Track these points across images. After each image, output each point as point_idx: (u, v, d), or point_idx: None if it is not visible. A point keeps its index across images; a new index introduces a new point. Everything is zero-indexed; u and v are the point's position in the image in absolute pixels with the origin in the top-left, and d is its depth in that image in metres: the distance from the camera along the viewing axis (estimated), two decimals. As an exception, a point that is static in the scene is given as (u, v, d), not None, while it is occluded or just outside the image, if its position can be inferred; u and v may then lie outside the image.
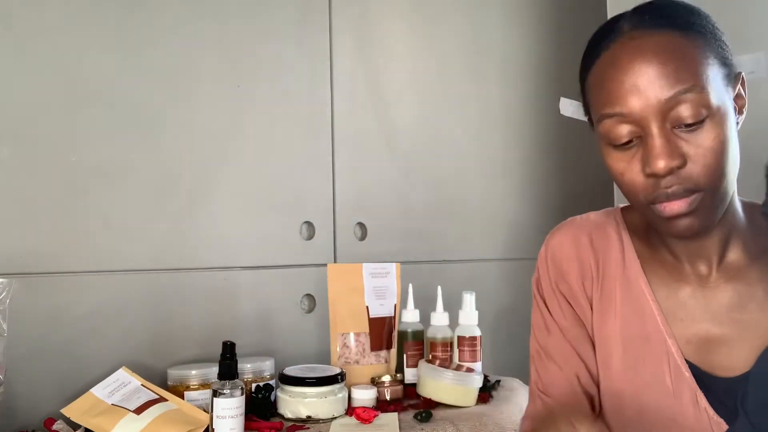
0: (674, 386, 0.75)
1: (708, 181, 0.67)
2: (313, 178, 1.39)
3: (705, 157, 0.67)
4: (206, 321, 1.26)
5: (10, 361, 0.99)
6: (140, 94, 1.23)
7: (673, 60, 0.67)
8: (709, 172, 0.67)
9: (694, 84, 0.66)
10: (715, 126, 0.67)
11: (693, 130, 0.67)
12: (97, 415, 0.96)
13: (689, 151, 0.67)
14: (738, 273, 0.74)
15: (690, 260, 0.76)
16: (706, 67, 0.67)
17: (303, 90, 1.39)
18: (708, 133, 0.67)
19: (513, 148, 1.64)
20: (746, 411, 0.68)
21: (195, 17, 1.29)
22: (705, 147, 0.67)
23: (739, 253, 0.75)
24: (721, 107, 0.67)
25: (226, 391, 0.93)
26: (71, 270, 1.15)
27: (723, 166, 0.67)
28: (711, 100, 0.66)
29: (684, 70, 0.67)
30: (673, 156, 0.67)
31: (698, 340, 0.75)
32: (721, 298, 0.75)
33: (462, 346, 1.24)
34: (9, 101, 1.12)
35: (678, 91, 0.66)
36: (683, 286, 0.77)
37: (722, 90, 0.68)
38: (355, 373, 1.17)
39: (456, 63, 1.58)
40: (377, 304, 1.16)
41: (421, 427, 1.03)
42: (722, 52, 0.70)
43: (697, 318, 0.75)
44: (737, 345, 0.72)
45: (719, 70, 0.69)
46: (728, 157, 0.68)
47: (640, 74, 0.68)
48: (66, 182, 1.16)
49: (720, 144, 0.67)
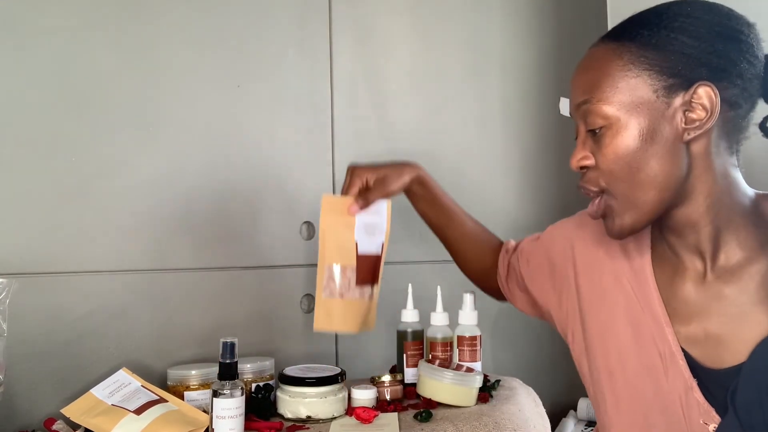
0: (668, 373, 0.76)
1: (607, 181, 0.74)
2: (313, 177, 1.39)
3: (604, 162, 0.74)
4: (206, 321, 1.26)
5: (10, 361, 0.99)
6: (140, 94, 1.23)
7: (589, 71, 0.76)
8: (610, 174, 0.74)
9: (591, 96, 0.74)
10: (615, 135, 0.73)
11: (598, 136, 0.75)
12: (97, 415, 0.96)
13: (596, 153, 0.75)
14: (735, 270, 0.75)
15: (685, 255, 0.78)
16: (620, 80, 0.73)
17: (303, 90, 1.39)
18: (607, 140, 0.73)
19: (513, 147, 1.64)
20: (735, 406, 0.69)
21: (195, 17, 1.29)
22: (603, 153, 0.74)
23: (736, 248, 0.75)
24: (625, 119, 0.72)
25: (226, 391, 0.93)
26: (71, 270, 1.16)
27: (626, 170, 0.73)
28: (608, 112, 0.73)
29: (591, 82, 0.75)
30: (581, 158, 0.77)
31: (693, 333, 0.76)
32: (716, 293, 0.75)
33: (462, 346, 1.24)
34: (9, 101, 1.13)
35: (582, 100, 0.76)
36: (682, 281, 0.78)
37: (641, 102, 0.71)
38: (338, 309, 1.08)
39: (456, 63, 1.58)
40: (367, 240, 1.13)
41: (421, 427, 1.03)
42: (669, 65, 0.71)
43: (694, 312, 0.77)
44: (731, 339, 0.73)
45: (649, 81, 0.71)
46: (636, 164, 0.72)
47: (572, 84, 0.80)
48: (65, 182, 1.16)
49: (621, 147, 0.72)
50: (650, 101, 0.71)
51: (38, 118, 1.15)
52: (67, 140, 1.16)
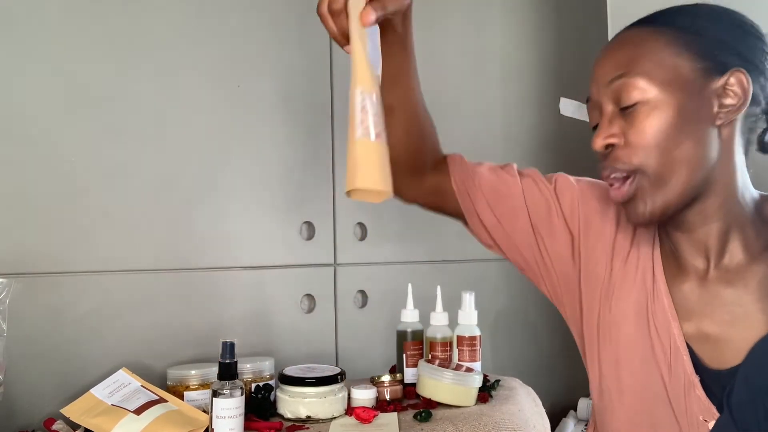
0: (672, 367, 0.76)
1: (638, 161, 0.71)
2: (313, 178, 1.39)
3: (636, 136, 0.71)
4: (206, 321, 1.26)
5: (10, 361, 0.99)
6: (140, 94, 1.23)
7: (624, 48, 0.74)
8: (643, 152, 0.71)
9: (628, 70, 0.72)
10: (652, 110, 0.71)
11: (630, 113, 0.72)
12: (96, 415, 0.96)
13: (626, 131, 0.72)
14: (736, 269, 0.75)
15: (689, 254, 0.78)
16: (660, 56, 0.71)
17: (303, 90, 1.39)
18: (642, 115, 0.71)
19: (513, 147, 1.64)
20: (730, 406, 0.69)
21: (195, 17, 1.29)
22: (638, 128, 0.71)
23: (739, 249, 0.75)
24: (661, 96, 0.71)
25: (226, 391, 0.93)
26: (71, 270, 1.16)
27: (660, 150, 0.70)
28: (646, 86, 0.71)
29: (628, 57, 0.73)
30: (608, 135, 0.73)
31: (694, 332, 0.76)
32: (718, 294, 0.75)
33: (461, 346, 1.24)
34: (9, 101, 1.13)
35: (616, 75, 0.73)
36: (684, 280, 0.78)
37: (675, 83, 0.71)
38: (374, 155, 0.76)
39: (456, 63, 1.58)
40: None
41: (420, 427, 1.03)
42: (706, 47, 0.72)
43: (695, 312, 0.77)
44: (731, 340, 0.73)
45: (688, 62, 0.71)
46: (669, 145, 0.70)
47: (597, 65, 0.77)
48: (66, 182, 1.16)
49: (654, 126, 0.70)
50: (687, 80, 0.71)
51: (38, 118, 1.15)
52: (67, 140, 1.16)
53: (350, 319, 1.42)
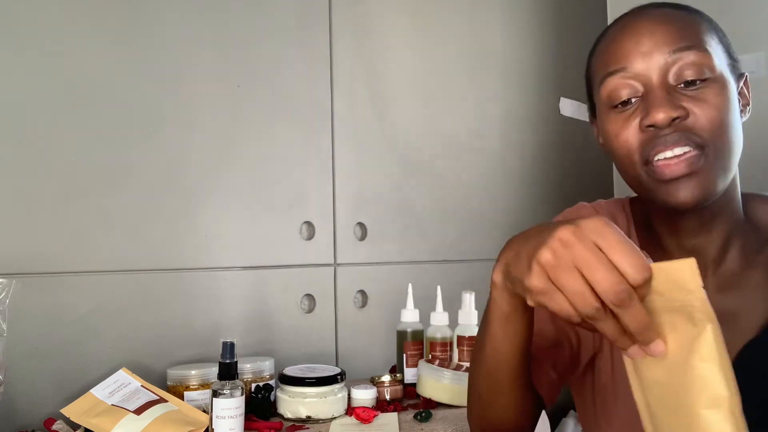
0: None
1: (710, 136, 0.66)
2: (313, 178, 1.39)
3: (709, 111, 0.66)
4: (206, 321, 1.26)
5: (10, 361, 0.99)
6: (140, 94, 1.23)
7: (677, 24, 0.69)
8: (713, 126, 0.66)
9: (697, 43, 0.68)
10: (720, 89, 0.67)
11: (697, 88, 0.67)
12: (96, 415, 0.96)
13: (692, 107, 0.67)
14: (733, 278, 0.74)
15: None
16: (712, 40, 0.69)
17: (303, 90, 1.39)
18: (712, 91, 0.67)
19: (513, 147, 1.64)
20: None
21: (195, 17, 1.29)
22: (709, 102, 0.67)
23: (735, 255, 0.74)
24: (725, 78, 0.68)
25: (226, 391, 0.93)
26: (71, 270, 1.16)
27: (727, 126, 0.67)
28: (715, 64, 0.67)
29: (688, 32, 0.68)
30: (675, 107, 0.66)
31: None
32: (715, 305, 0.74)
33: (461, 346, 1.24)
34: (9, 101, 1.13)
35: (681, 46, 0.67)
36: None
37: (726, 69, 0.70)
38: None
39: (456, 63, 1.58)
40: None
41: (421, 427, 1.03)
42: (728, 45, 0.72)
43: None
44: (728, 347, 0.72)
45: (723, 55, 0.70)
46: (733, 125, 0.68)
47: (643, 34, 0.69)
48: (66, 182, 1.16)
49: (725, 105, 0.67)
50: (729, 70, 0.71)
51: (38, 118, 1.14)
52: (67, 140, 1.16)
53: (350, 319, 1.42)
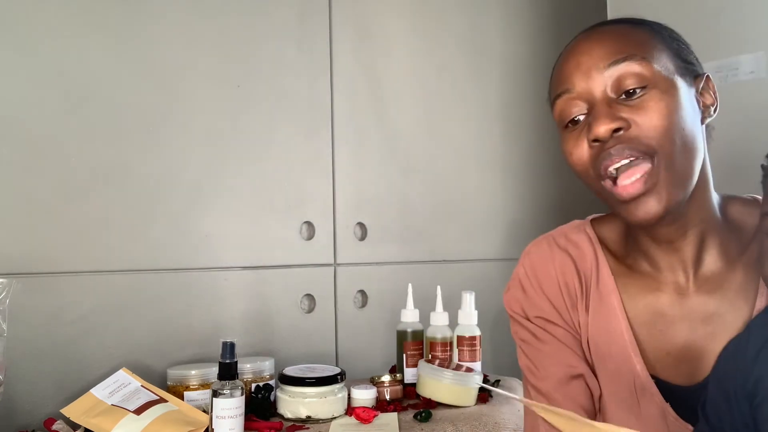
0: (641, 404, 0.75)
1: (657, 143, 0.66)
2: (313, 178, 1.39)
3: (651, 119, 0.66)
4: (206, 321, 1.26)
5: (10, 361, 0.99)
6: (140, 94, 1.23)
7: (615, 38, 0.70)
8: (657, 132, 0.66)
9: (633, 53, 0.68)
10: (662, 95, 0.67)
11: (638, 97, 0.68)
12: (96, 415, 0.96)
13: (633, 116, 0.67)
14: (715, 279, 0.73)
15: (668, 268, 0.75)
16: (653, 48, 0.69)
17: (303, 90, 1.39)
18: (653, 100, 0.67)
19: (513, 147, 1.64)
20: (706, 415, 0.67)
21: (195, 17, 1.29)
22: (651, 109, 0.67)
23: (715, 256, 0.74)
24: (670, 82, 0.68)
25: (226, 391, 0.93)
26: (71, 270, 1.16)
27: (673, 131, 0.67)
28: (654, 70, 0.68)
29: (623, 44, 0.69)
30: (614, 119, 0.67)
31: (677, 349, 0.74)
32: (698, 306, 0.73)
33: (461, 346, 1.24)
34: (9, 101, 1.13)
35: (616, 59, 0.68)
36: (661, 296, 0.75)
37: (672, 74, 0.69)
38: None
39: (456, 63, 1.58)
40: None
41: (420, 427, 1.03)
42: (679, 49, 0.72)
43: (677, 327, 0.74)
44: (711, 351, 0.72)
45: (671, 59, 0.70)
46: (681, 129, 0.67)
47: (583, 52, 0.71)
48: (66, 183, 1.16)
49: (669, 110, 0.67)
50: (678, 74, 0.70)
51: (38, 118, 1.15)
52: (66, 140, 1.16)
53: (350, 319, 1.42)
